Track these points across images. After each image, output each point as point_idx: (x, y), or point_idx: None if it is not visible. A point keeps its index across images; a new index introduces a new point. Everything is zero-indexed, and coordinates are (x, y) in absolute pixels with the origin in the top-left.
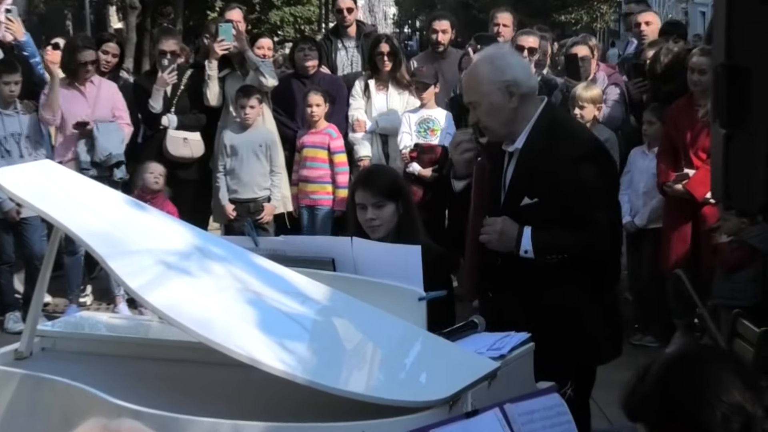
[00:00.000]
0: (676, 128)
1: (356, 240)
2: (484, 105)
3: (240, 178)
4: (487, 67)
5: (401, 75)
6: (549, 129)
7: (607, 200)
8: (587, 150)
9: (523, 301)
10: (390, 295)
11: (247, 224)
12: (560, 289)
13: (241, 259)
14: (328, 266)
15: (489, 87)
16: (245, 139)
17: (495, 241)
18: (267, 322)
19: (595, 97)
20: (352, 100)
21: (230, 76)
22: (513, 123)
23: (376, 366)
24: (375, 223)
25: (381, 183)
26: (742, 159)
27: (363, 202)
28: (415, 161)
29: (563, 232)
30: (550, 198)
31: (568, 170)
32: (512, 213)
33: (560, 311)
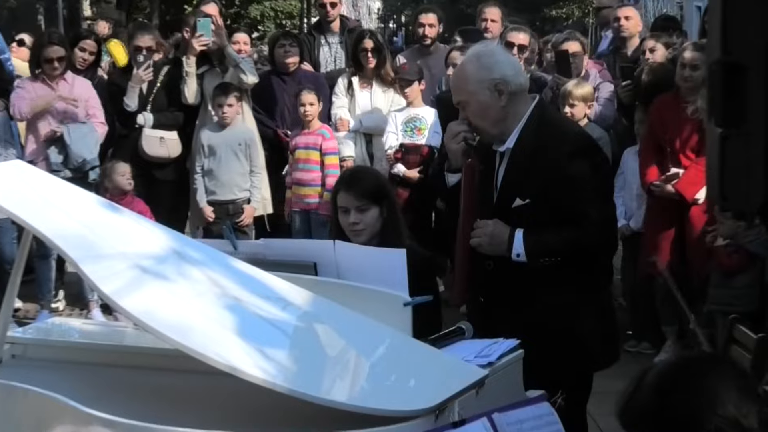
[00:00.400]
0: (662, 125)
1: (339, 243)
2: (473, 105)
3: (218, 179)
4: (474, 66)
5: (386, 72)
6: (540, 127)
7: (600, 195)
8: (578, 145)
9: (515, 306)
10: (374, 301)
11: (225, 227)
12: (554, 293)
13: (220, 263)
14: (310, 270)
15: (476, 86)
16: (223, 139)
17: (486, 245)
18: (246, 329)
19: (587, 95)
20: (334, 98)
21: (209, 73)
22: (504, 122)
23: (359, 374)
24: (358, 227)
25: (365, 185)
26: (739, 159)
27: (345, 205)
28: (401, 162)
29: (556, 234)
30: (542, 198)
31: (559, 167)
32: (504, 215)
33: (554, 315)
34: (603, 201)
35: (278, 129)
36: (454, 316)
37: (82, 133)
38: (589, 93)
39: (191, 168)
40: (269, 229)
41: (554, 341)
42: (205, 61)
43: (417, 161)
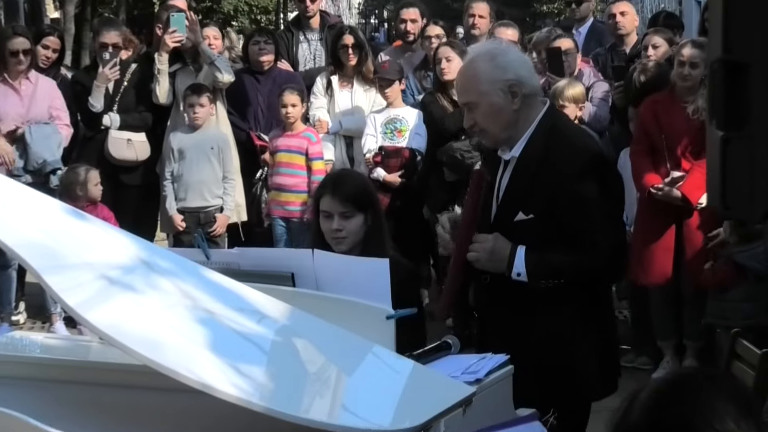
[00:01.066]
0: (656, 126)
1: (318, 252)
2: (483, 106)
3: (189, 185)
4: (488, 65)
5: (367, 70)
6: (549, 136)
7: (610, 220)
8: (589, 162)
9: (511, 323)
10: (355, 314)
11: (197, 235)
12: (552, 318)
13: (192, 273)
14: (288, 281)
15: (489, 86)
16: (195, 142)
17: (484, 261)
18: (220, 344)
19: (578, 96)
20: (313, 98)
21: (182, 72)
22: (514, 127)
23: (339, 391)
24: (340, 234)
25: (350, 191)
26: (742, 164)
27: (329, 210)
28: (380, 166)
29: (561, 255)
30: (548, 215)
31: (568, 184)
32: (504, 229)
33: (550, 344)
34: (613, 226)
35: (251, 131)
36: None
37: (44, 134)
38: (581, 94)
39: (161, 173)
40: (243, 238)
41: (548, 371)
42: (178, 59)
43: (397, 165)
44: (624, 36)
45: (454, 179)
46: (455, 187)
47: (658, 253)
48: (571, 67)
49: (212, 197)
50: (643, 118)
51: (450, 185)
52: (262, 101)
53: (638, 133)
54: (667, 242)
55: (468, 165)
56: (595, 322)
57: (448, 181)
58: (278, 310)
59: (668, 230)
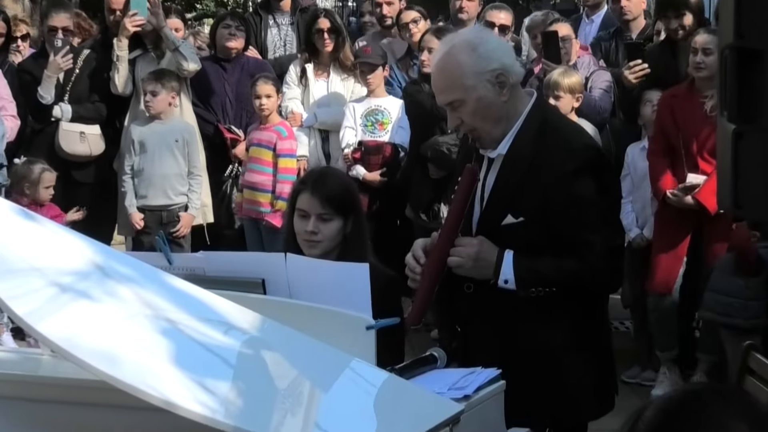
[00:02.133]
0: (674, 123)
1: (292, 257)
2: (470, 103)
3: (151, 181)
4: (470, 56)
5: (345, 56)
6: (540, 132)
7: (607, 223)
8: (585, 160)
9: (496, 337)
10: (332, 323)
11: (158, 237)
12: (542, 330)
13: (153, 279)
14: (258, 288)
15: (475, 80)
16: (157, 134)
17: (468, 267)
18: (183, 357)
19: (575, 86)
20: (285, 88)
21: (142, 59)
22: (506, 121)
23: (313, 409)
24: (314, 237)
25: (332, 191)
26: (755, 160)
27: (306, 209)
28: (360, 163)
29: (552, 261)
30: (539, 217)
31: (562, 184)
32: (490, 233)
33: (541, 359)
34: (610, 230)
35: (220, 124)
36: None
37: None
38: (578, 84)
39: (119, 168)
40: (209, 241)
41: (539, 387)
42: (138, 45)
43: (379, 162)
44: (630, 21)
45: (439, 176)
46: (441, 184)
47: (667, 260)
48: (568, 54)
49: (176, 194)
50: (659, 115)
51: (435, 183)
52: (230, 91)
53: (655, 130)
54: (679, 250)
55: (455, 161)
56: (589, 334)
57: (433, 178)
58: (247, 320)
59: (683, 237)
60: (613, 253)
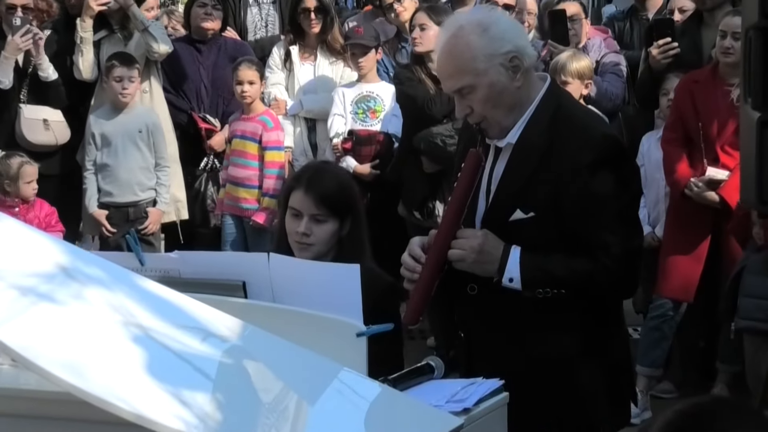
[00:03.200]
0: (694, 110)
1: (275, 257)
2: (482, 89)
3: (116, 176)
4: (481, 38)
5: (333, 39)
6: (553, 119)
7: (625, 222)
8: (604, 152)
9: (501, 344)
10: (319, 330)
11: (129, 236)
12: (552, 335)
13: (123, 282)
14: (238, 291)
15: (487, 63)
16: (121, 125)
17: (470, 261)
18: (157, 367)
19: (584, 70)
20: (268, 72)
21: (108, 40)
22: (519, 109)
23: (300, 424)
24: (306, 240)
25: (328, 190)
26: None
27: (298, 208)
28: (350, 154)
29: (564, 260)
30: (550, 213)
31: (577, 177)
32: (495, 230)
33: (550, 367)
34: (628, 229)
35: (194, 112)
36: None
37: None
38: (587, 68)
39: (82, 162)
40: (183, 240)
41: (549, 399)
42: (103, 25)
43: (371, 153)
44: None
45: (433, 171)
46: (435, 180)
47: (685, 262)
48: (577, 35)
49: (143, 190)
50: (677, 101)
51: (429, 178)
52: (206, 76)
53: (672, 117)
54: (698, 251)
55: (450, 153)
56: (603, 342)
57: (427, 172)
58: (227, 327)
59: (702, 237)
60: (630, 255)
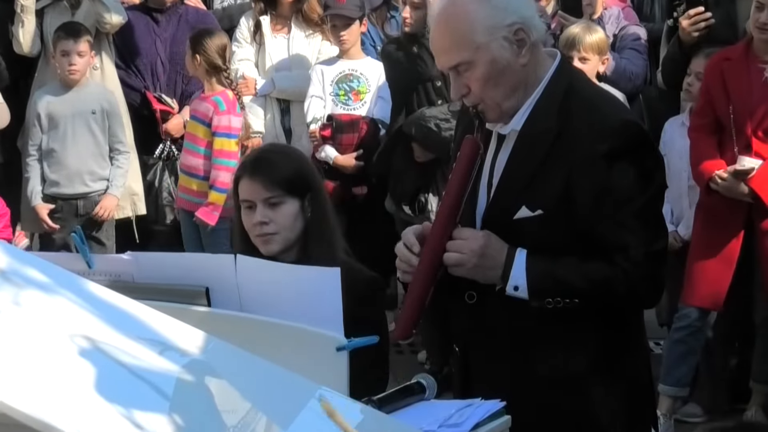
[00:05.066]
0: (725, 92)
1: (243, 259)
2: (481, 65)
3: (63, 164)
4: (482, 6)
5: (310, 8)
6: (565, 103)
7: (647, 220)
8: (626, 140)
9: (505, 360)
10: (293, 343)
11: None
12: (564, 350)
13: (67, 287)
14: (200, 299)
15: (488, 36)
16: (70, 105)
17: (470, 266)
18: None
19: (602, 44)
20: (235, 46)
21: (52, 9)
22: (523, 90)
23: None
24: (267, 229)
25: (278, 169)
26: None
27: (250, 198)
28: (330, 142)
29: (576, 264)
30: (561, 211)
31: (593, 170)
32: (498, 229)
33: (560, 381)
34: (651, 230)
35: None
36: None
37: None
38: (604, 42)
39: (23, 148)
40: (138, 239)
41: (558, 423)
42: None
43: (354, 142)
44: None
45: (426, 159)
46: (428, 170)
47: (714, 266)
48: (592, 5)
49: (94, 180)
50: (707, 82)
51: (421, 168)
52: (162, 50)
53: (701, 102)
54: (729, 253)
55: (446, 139)
56: (619, 358)
57: (419, 162)
58: (187, 339)
59: (733, 237)
60: (653, 259)
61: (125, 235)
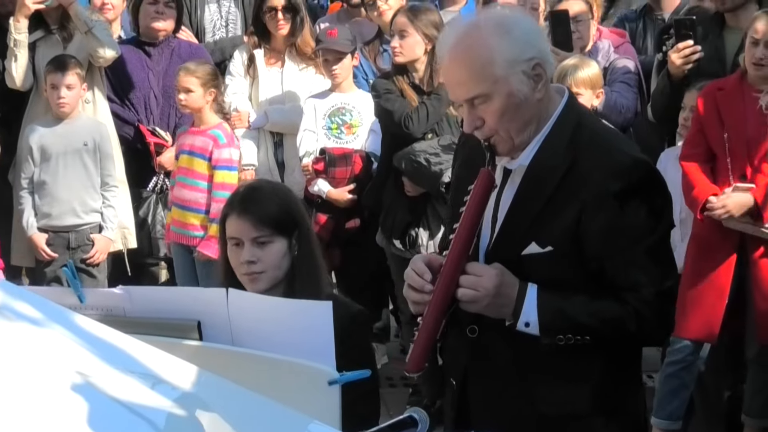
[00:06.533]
0: (719, 120)
1: (235, 293)
2: (498, 99)
3: (54, 197)
4: (502, 39)
5: (303, 42)
6: (574, 139)
7: (658, 259)
8: (638, 179)
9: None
10: (285, 377)
11: (66, 268)
12: (566, 387)
13: (59, 321)
14: (192, 333)
15: (507, 69)
16: (62, 137)
17: (485, 303)
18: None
19: (596, 79)
20: (228, 79)
21: (44, 42)
22: (535, 125)
23: None
24: (255, 268)
25: (266, 208)
26: None
27: (237, 236)
28: (322, 176)
29: (587, 302)
30: (571, 248)
31: (604, 208)
32: (505, 264)
33: (563, 418)
34: (661, 268)
35: (141, 124)
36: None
37: None
38: (598, 76)
39: (15, 181)
40: (131, 273)
41: None
42: (39, 25)
43: (346, 175)
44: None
45: (417, 194)
46: (419, 204)
47: (706, 297)
48: (583, 38)
49: (86, 212)
50: (700, 111)
51: (411, 202)
52: (155, 83)
53: (693, 131)
54: (720, 283)
55: (435, 173)
56: (621, 393)
57: (410, 196)
58: (179, 373)
59: (724, 267)
60: (663, 297)
61: (117, 267)
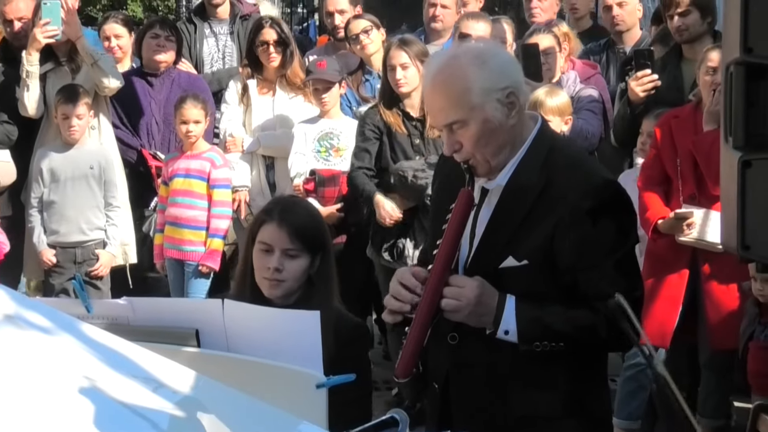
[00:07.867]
0: (672, 146)
1: (230, 303)
2: (474, 125)
3: (62, 215)
4: (479, 70)
5: (293, 73)
6: (548, 162)
7: (626, 272)
8: (605, 197)
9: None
10: (277, 381)
11: (75, 281)
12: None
13: (68, 330)
14: (191, 340)
15: (484, 98)
16: (70, 161)
17: (467, 312)
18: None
19: (564, 107)
20: (224, 107)
21: (54, 74)
22: (510, 149)
23: None
24: (278, 276)
25: (302, 224)
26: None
27: (270, 243)
28: (312, 195)
29: (562, 311)
30: (545, 261)
31: (575, 225)
32: (483, 276)
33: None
34: (629, 280)
35: (144, 149)
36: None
37: None
38: (567, 104)
39: (26, 200)
40: (132, 285)
41: None
42: (49, 57)
43: (334, 195)
44: (623, 33)
45: (405, 207)
46: (405, 217)
47: (661, 306)
48: (551, 70)
49: (91, 229)
50: (657, 137)
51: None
52: (157, 111)
53: (650, 155)
54: (674, 294)
55: (423, 188)
56: (589, 397)
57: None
58: (179, 377)
59: (678, 279)
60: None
61: (120, 281)
